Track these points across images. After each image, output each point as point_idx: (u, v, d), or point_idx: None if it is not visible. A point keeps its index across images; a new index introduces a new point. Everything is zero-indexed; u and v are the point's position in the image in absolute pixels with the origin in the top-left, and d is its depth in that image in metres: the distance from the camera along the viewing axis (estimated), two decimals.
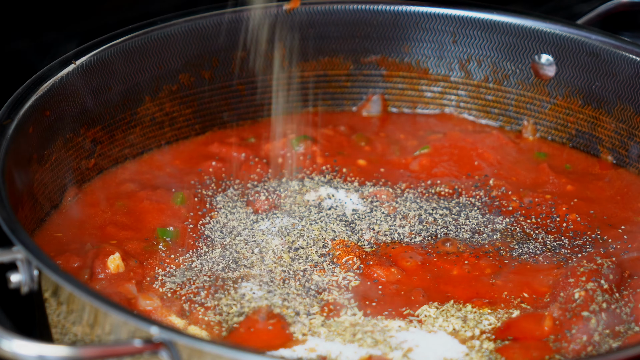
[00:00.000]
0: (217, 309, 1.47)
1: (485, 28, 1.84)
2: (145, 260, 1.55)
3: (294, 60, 1.85)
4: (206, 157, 1.76)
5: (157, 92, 1.77)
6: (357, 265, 1.55)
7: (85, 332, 1.35)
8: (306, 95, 1.88)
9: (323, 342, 1.42)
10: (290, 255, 1.56)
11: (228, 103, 1.84)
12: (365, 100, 1.90)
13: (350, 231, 1.61)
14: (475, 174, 1.74)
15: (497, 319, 1.47)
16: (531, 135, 1.85)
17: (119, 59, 1.72)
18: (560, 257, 1.58)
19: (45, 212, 1.62)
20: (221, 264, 1.55)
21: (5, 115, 1.54)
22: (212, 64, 1.81)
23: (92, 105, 1.69)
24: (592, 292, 1.47)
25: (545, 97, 1.83)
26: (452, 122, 1.88)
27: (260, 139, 1.81)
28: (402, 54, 1.88)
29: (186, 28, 1.77)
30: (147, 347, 1.25)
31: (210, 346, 1.25)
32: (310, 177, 1.73)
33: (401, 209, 1.66)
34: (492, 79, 1.86)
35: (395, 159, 1.78)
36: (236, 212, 1.65)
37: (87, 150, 1.70)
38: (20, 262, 1.36)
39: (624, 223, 1.65)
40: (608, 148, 1.79)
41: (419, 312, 1.48)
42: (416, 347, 1.42)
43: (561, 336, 1.43)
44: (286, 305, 1.48)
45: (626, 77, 1.75)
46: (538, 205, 1.68)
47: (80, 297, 1.31)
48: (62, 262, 1.52)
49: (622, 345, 1.42)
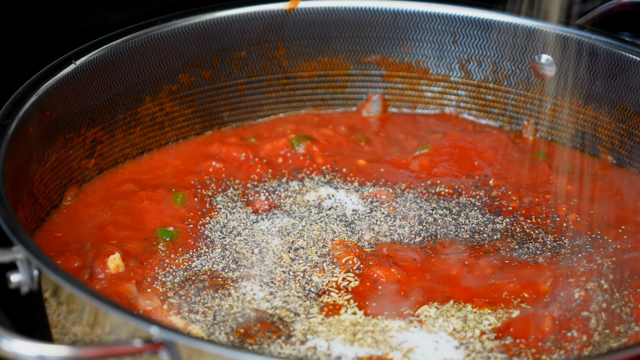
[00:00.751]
0: (217, 309, 1.47)
1: (485, 28, 1.84)
2: (145, 260, 1.55)
3: (294, 60, 1.85)
4: (206, 157, 1.76)
5: (157, 92, 1.77)
6: (357, 266, 1.55)
7: (85, 332, 1.35)
8: (306, 95, 1.88)
9: (323, 342, 1.42)
10: (290, 256, 1.56)
11: (228, 103, 1.84)
12: (365, 100, 1.90)
13: (350, 231, 1.61)
14: (475, 174, 1.74)
15: (497, 319, 1.47)
16: (531, 135, 1.85)
17: (119, 59, 1.72)
18: (560, 257, 1.58)
19: (45, 212, 1.62)
20: (221, 264, 1.55)
21: (5, 115, 1.54)
22: (212, 64, 1.81)
23: (92, 105, 1.69)
24: (592, 292, 1.47)
25: (545, 97, 1.83)
26: (452, 122, 1.88)
27: (260, 139, 1.81)
28: (402, 54, 1.88)
29: (186, 28, 1.77)
30: (147, 347, 1.25)
31: (210, 346, 1.25)
32: (310, 177, 1.73)
33: (401, 209, 1.66)
34: (492, 79, 1.86)
35: (395, 159, 1.78)
36: (236, 212, 1.65)
37: (87, 150, 1.70)
38: (20, 262, 1.36)
39: (624, 223, 1.65)
40: (608, 148, 1.79)
41: (419, 312, 1.48)
42: (416, 347, 1.42)
43: (561, 336, 1.43)
44: (286, 305, 1.48)
45: (626, 77, 1.75)
46: (538, 205, 1.68)
47: (80, 297, 1.31)
48: (62, 262, 1.52)
49: (622, 345, 1.42)
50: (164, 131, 1.79)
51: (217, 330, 1.44)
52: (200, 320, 1.46)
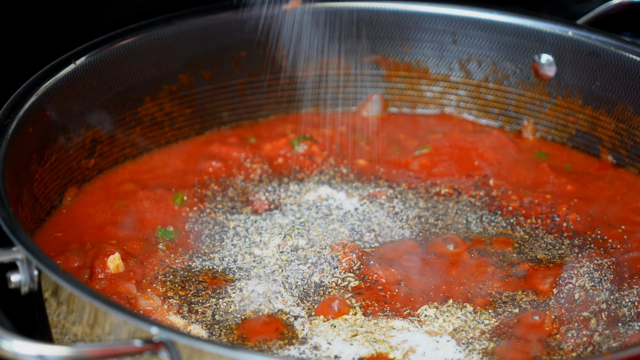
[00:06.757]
0: (217, 309, 1.48)
1: (485, 28, 1.84)
2: (145, 260, 1.55)
3: (294, 60, 1.85)
4: (206, 157, 1.76)
5: (157, 92, 1.77)
6: (357, 266, 1.55)
7: (85, 332, 1.36)
8: (306, 95, 1.88)
9: (323, 341, 1.42)
10: (289, 256, 1.56)
11: (228, 103, 1.84)
12: (365, 100, 1.90)
13: (350, 231, 1.61)
14: (475, 174, 1.74)
15: (497, 319, 1.47)
16: (531, 135, 1.85)
17: (119, 59, 1.72)
18: (560, 257, 1.59)
19: (45, 212, 1.62)
20: (221, 264, 1.55)
21: (5, 115, 1.54)
22: (212, 64, 1.81)
23: (92, 105, 1.69)
24: (592, 292, 1.47)
25: (545, 97, 1.83)
26: (452, 122, 1.88)
27: (260, 139, 1.81)
28: (402, 54, 1.88)
29: (186, 28, 1.77)
30: (147, 347, 1.25)
31: (210, 346, 1.25)
32: (310, 177, 1.73)
33: (401, 209, 1.66)
34: (492, 78, 1.86)
35: (395, 159, 1.78)
36: (236, 212, 1.65)
37: (87, 150, 1.70)
38: (20, 262, 1.36)
39: (624, 223, 1.65)
40: (608, 148, 1.79)
41: (419, 312, 1.48)
42: (416, 347, 1.42)
43: (561, 336, 1.43)
44: (286, 305, 1.48)
45: (626, 77, 1.75)
46: (538, 205, 1.68)
47: (80, 297, 1.31)
48: (62, 262, 1.52)
49: (622, 345, 1.42)
50: (164, 131, 1.79)
51: (217, 330, 1.44)
52: (200, 320, 1.46)
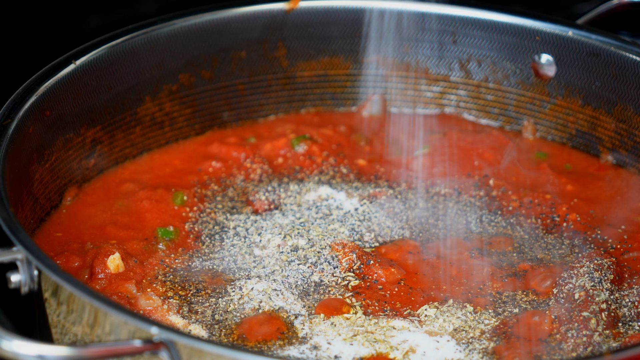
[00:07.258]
0: (217, 308, 1.48)
1: (485, 28, 1.84)
2: (145, 260, 1.55)
3: (294, 60, 1.85)
4: (206, 157, 1.76)
5: (157, 92, 1.77)
6: (357, 266, 1.55)
7: (85, 332, 1.35)
8: (306, 95, 1.88)
9: (323, 341, 1.42)
10: (289, 256, 1.56)
11: (228, 103, 1.84)
12: (365, 100, 1.90)
13: (350, 231, 1.61)
14: (475, 174, 1.74)
15: (497, 319, 1.47)
16: (531, 135, 1.85)
17: (119, 59, 1.72)
18: (560, 257, 1.58)
19: (45, 212, 1.62)
20: (221, 264, 1.55)
21: (5, 115, 1.54)
22: (212, 64, 1.81)
23: (92, 105, 1.69)
24: (592, 292, 1.47)
25: (545, 97, 1.83)
26: (452, 122, 1.88)
27: (260, 139, 1.81)
28: (402, 54, 1.88)
29: (186, 28, 1.77)
30: (147, 347, 1.25)
31: (210, 346, 1.25)
32: (310, 177, 1.73)
33: (401, 209, 1.66)
34: (492, 78, 1.86)
35: (395, 159, 1.78)
36: (236, 212, 1.65)
37: (87, 150, 1.70)
38: (20, 262, 1.36)
39: (624, 223, 1.65)
40: (608, 148, 1.79)
41: (419, 312, 1.48)
42: (416, 347, 1.42)
43: (561, 336, 1.43)
44: (286, 305, 1.48)
45: (626, 77, 1.75)
46: (538, 205, 1.68)
47: (80, 297, 1.31)
48: (62, 262, 1.52)
49: (622, 345, 1.42)
50: (164, 131, 1.79)
51: (217, 330, 1.44)
52: (200, 320, 1.46)
